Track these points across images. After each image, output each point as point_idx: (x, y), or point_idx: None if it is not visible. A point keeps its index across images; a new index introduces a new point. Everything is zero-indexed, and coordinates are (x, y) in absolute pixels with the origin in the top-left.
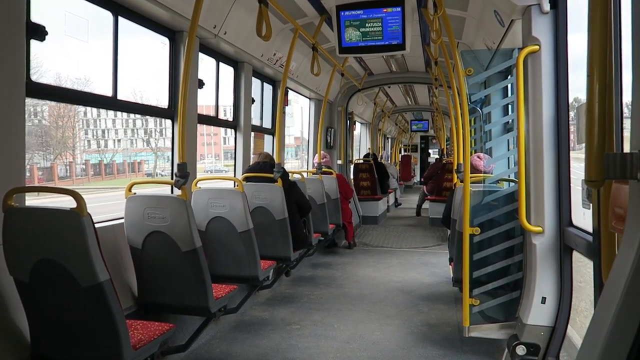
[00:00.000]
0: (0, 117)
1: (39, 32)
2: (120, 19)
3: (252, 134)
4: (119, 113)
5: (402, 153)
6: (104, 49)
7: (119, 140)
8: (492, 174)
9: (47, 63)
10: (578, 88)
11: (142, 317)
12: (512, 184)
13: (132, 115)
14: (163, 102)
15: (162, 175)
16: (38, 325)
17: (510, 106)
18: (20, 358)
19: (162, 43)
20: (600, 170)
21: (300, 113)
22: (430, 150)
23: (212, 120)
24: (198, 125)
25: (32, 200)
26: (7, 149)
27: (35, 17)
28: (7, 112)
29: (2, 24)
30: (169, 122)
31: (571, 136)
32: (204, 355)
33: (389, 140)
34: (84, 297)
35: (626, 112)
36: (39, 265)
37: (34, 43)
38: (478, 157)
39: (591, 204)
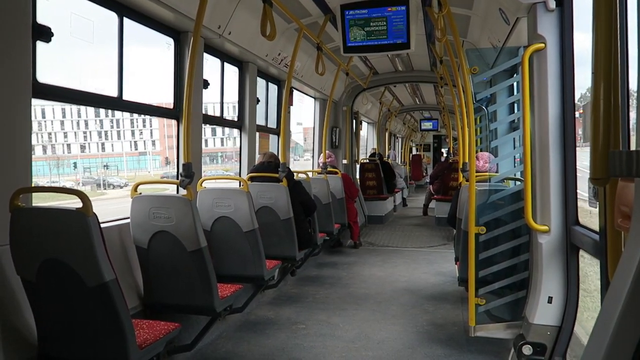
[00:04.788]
0: (6, 118)
1: (45, 34)
2: (125, 20)
3: (257, 133)
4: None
5: (413, 152)
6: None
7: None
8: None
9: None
10: (584, 86)
11: (148, 317)
12: (517, 182)
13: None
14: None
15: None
16: (45, 324)
17: (516, 105)
18: (27, 357)
19: (166, 44)
20: (605, 168)
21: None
22: (443, 150)
23: (217, 120)
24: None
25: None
26: (13, 150)
27: (41, 19)
28: (13, 112)
29: (8, 26)
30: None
31: (579, 133)
32: (210, 354)
33: (399, 139)
34: (90, 297)
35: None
36: (45, 265)
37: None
38: (476, 157)
39: (598, 202)
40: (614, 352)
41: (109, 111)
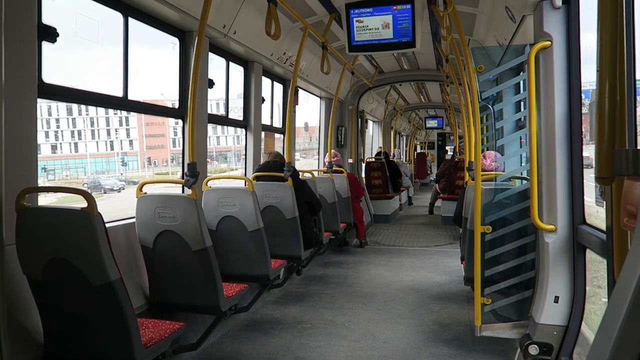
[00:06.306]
0: (12, 118)
1: (50, 34)
2: (130, 20)
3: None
4: None
5: (418, 150)
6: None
7: None
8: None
9: None
10: (591, 83)
11: (153, 316)
12: (524, 181)
13: None
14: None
15: None
16: (51, 323)
17: (522, 103)
18: (33, 356)
19: (172, 44)
20: (610, 166)
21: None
22: (447, 148)
23: (222, 120)
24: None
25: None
26: (19, 150)
27: (46, 19)
28: (19, 113)
29: (14, 26)
30: None
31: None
32: (215, 353)
33: (404, 138)
34: (95, 296)
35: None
36: (51, 264)
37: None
38: (483, 155)
39: (605, 202)
40: (621, 351)
41: (82, 108)
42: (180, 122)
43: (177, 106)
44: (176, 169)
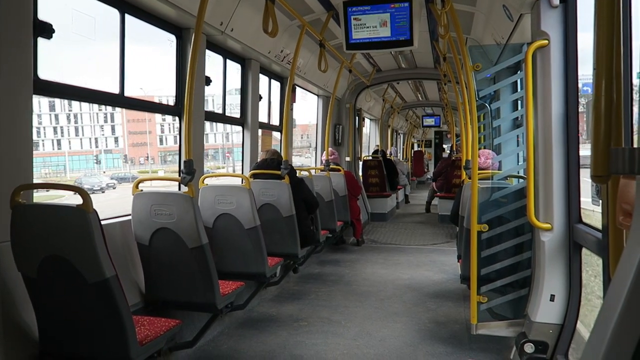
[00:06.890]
0: (7, 115)
1: (46, 30)
2: (127, 16)
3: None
4: None
5: (415, 148)
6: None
7: None
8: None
9: None
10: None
11: (149, 313)
12: (520, 180)
13: None
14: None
15: None
16: (46, 321)
17: (519, 102)
18: (28, 354)
19: (169, 40)
20: (606, 165)
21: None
22: (444, 146)
23: (220, 118)
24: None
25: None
26: (14, 146)
27: (42, 15)
28: (14, 109)
29: (9, 22)
30: None
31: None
32: (211, 351)
33: (401, 136)
34: (90, 294)
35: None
36: (46, 261)
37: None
38: (478, 153)
39: (600, 200)
40: (615, 349)
41: (64, 104)
42: (167, 118)
43: (163, 101)
44: (158, 168)
